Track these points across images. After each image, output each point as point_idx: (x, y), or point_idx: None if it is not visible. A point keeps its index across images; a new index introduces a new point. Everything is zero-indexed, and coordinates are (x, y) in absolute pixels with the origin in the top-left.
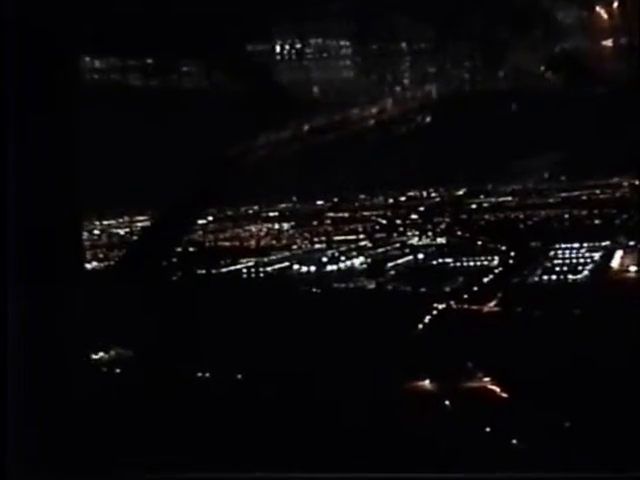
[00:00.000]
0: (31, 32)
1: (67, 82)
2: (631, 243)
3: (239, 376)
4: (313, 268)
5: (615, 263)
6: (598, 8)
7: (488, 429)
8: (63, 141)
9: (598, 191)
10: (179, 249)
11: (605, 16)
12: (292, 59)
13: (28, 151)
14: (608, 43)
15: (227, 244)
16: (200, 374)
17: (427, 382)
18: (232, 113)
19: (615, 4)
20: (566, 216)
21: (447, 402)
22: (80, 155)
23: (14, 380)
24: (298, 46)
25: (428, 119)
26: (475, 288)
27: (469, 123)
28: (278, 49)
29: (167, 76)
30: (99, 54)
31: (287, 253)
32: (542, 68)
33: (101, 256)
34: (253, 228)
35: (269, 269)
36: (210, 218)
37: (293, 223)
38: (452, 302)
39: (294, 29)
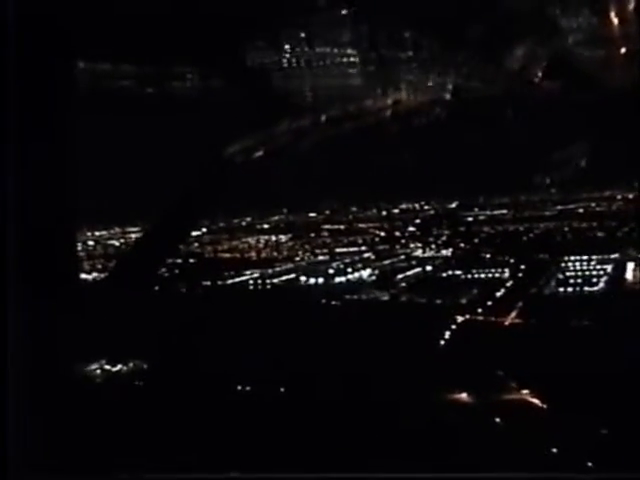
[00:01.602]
0: (31, 33)
1: (65, 89)
2: None
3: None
4: (321, 280)
5: (628, 275)
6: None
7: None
8: (61, 147)
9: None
10: (179, 260)
11: (610, 24)
12: (291, 66)
13: (27, 157)
14: (610, 50)
15: (227, 255)
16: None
17: (452, 392)
18: (228, 121)
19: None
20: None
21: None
22: (77, 159)
23: (15, 381)
24: (297, 53)
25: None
26: (489, 302)
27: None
28: (279, 56)
29: (163, 84)
30: (93, 62)
31: (290, 265)
32: (540, 75)
33: (99, 267)
34: (251, 240)
35: (276, 280)
36: (204, 229)
37: (291, 235)
38: (468, 314)
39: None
